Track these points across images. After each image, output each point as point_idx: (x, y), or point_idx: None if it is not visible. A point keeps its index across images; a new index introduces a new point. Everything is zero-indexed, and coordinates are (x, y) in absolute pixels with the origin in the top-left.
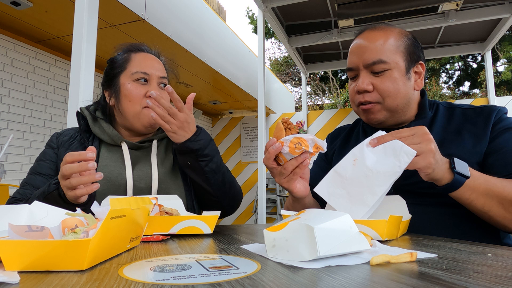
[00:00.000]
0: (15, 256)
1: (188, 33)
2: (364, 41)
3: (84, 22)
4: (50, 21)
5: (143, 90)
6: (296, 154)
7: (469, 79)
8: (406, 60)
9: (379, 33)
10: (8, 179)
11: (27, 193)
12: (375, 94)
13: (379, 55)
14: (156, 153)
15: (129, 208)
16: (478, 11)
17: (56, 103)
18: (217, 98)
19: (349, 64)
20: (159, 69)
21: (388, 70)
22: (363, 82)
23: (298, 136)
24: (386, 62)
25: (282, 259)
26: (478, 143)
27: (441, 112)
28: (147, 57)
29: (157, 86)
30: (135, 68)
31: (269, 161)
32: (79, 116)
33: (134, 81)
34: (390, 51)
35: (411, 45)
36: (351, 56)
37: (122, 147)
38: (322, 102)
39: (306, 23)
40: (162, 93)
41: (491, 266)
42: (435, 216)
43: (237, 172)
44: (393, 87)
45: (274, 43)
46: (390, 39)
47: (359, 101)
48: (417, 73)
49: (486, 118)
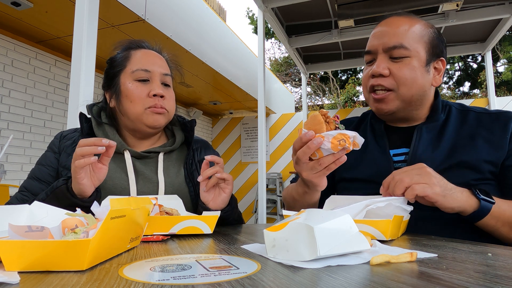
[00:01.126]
0: (15, 256)
1: (188, 34)
2: (388, 26)
3: (84, 23)
4: (51, 22)
5: (145, 89)
6: (337, 150)
7: (469, 80)
8: (428, 52)
9: (404, 19)
10: (8, 179)
11: (25, 200)
12: (390, 79)
13: (401, 39)
14: (162, 169)
15: (129, 208)
16: (478, 11)
17: (57, 104)
18: (217, 98)
19: (368, 47)
20: (161, 65)
21: (408, 58)
22: (379, 65)
23: (343, 132)
24: (407, 49)
25: (282, 259)
26: (495, 152)
27: (453, 115)
28: (148, 53)
29: (160, 84)
30: (136, 66)
31: (306, 156)
32: (82, 118)
33: (135, 80)
34: (413, 39)
35: (435, 38)
36: (371, 39)
37: (125, 156)
38: (322, 103)
39: (306, 23)
40: (166, 91)
41: (491, 265)
42: (439, 220)
43: (237, 173)
44: (410, 76)
45: (274, 43)
46: (415, 26)
47: (372, 84)
48: (437, 69)
49: (503, 126)
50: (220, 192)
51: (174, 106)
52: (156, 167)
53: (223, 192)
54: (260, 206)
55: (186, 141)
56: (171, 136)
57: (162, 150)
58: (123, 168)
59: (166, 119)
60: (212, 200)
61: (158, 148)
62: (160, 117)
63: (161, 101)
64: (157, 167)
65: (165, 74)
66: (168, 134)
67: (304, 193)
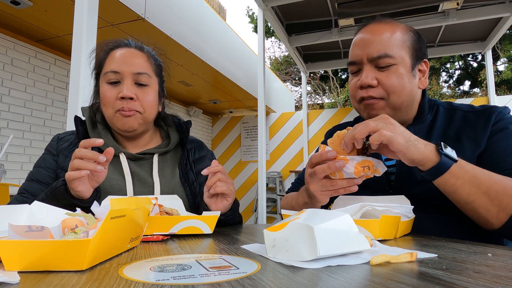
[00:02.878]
0: (15, 256)
1: (188, 32)
2: (369, 34)
3: (84, 21)
4: (50, 20)
5: (114, 92)
6: (358, 176)
7: (470, 78)
8: (412, 56)
9: (385, 26)
10: (8, 178)
11: (25, 201)
12: (380, 89)
13: (385, 48)
14: (157, 170)
15: (129, 208)
16: (478, 10)
17: (56, 102)
18: (217, 97)
19: (351, 58)
20: (133, 64)
21: (394, 65)
22: (367, 76)
23: (368, 159)
24: (392, 57)
25: (282, 259)
26: (477, 148)
27: (441, 115)
28: (122, 53)
29: (132, 84)
30: (107, 68)
31: (323, 174)
32: (77, 121)
33: (106, 82)
34: (397, 46)
35: (416, 41)
36: (354, 49)
37: (120, 158)
38: (322, 101)
39: (306, 22)
40: (139, 91)
41: (491, 266)
42: (439, 222)
43: (237, 172)
44: (399, 83)
45: (274, 42)
46: (396, 33)
47: (362, 96)
48: (421, 71)
49: (485, 121)
50: (222, 200)
51: (151, 105)
52: (151, 169)
53: (225, 200)
54: (260, 205)
55: (181, 141)
56: (166, 137)
57: (156, 151)
58: (119, 170)
59: (138, 121)
60: (213, 204)
61: (152, 149)
62: (129, 119)
63: (130, 103)
64: (151, 169)
65: (138, 73)
66: (163, 134)
67: (304, 204)
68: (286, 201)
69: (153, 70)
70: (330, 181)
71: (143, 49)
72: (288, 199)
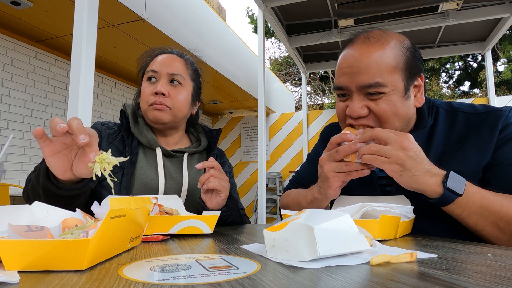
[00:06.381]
0: (15, 256)
1: (188, 33)
2: (358, 57)
3: (84, 22)
4: (50, 21)
5: (151, 88)
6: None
7: (469, 79)
8: (406, 78)
9: (375, 46)
10: (8, 178)
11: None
12: (371, 118)
13: (375, 77)
14: (187, 167)
15: (129, 207)
16: (478, 10)
17: (56, 103)
18: (217, 97)
19: (338, 83)
20: (170, 65)
21: (385, 93)
22: (356, 106)
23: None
24: (383, 85)
25: (282, 259)
26: (482, 158)
27: (441, 118)
28: (163, 57)
29: (167, 83)
30: (149, 68)
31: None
32: (122, 115)
33: (146, 80)
34: (388, 71)
35: (411, 59)
36: (341, 75)
37: (156, 152)
38: (322, 102)
39: (306, 22)
40: (172, 89)
41: (491, 266)
42: (439, 221)
43: (237, 172)
44: (391, 110)
45: (274, 42)
46: (387, 55)
47: (351, 123)
48: (417, 87)
49: (491, 128)
50: (215, 195)
51: (181, 103)
52: (181, 166)
53: (218, 196)
54: (260, 206)
55: (208, 147)
56: (195, 140)
57: (187, 150)
58: (153, 162)
59: (168, 115)
60: (209, 200)
61: (184, 148)
62: (159, 113)
63: (162, 98)
64: (181, 166)
65: (173, 73)
66: (192, 138)
67: (313, 199)
68: (288, 198)
69: (188, 74)
70: (344, 162)
71: (183, 56)
72: (293, 195)
